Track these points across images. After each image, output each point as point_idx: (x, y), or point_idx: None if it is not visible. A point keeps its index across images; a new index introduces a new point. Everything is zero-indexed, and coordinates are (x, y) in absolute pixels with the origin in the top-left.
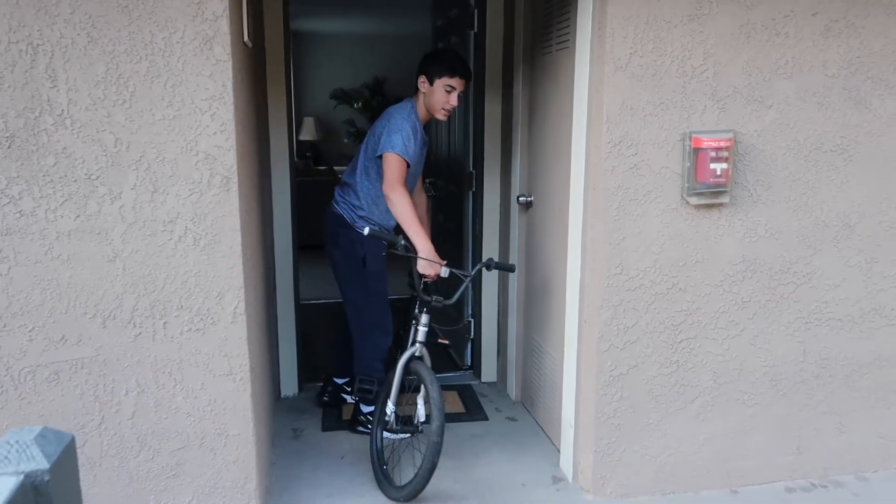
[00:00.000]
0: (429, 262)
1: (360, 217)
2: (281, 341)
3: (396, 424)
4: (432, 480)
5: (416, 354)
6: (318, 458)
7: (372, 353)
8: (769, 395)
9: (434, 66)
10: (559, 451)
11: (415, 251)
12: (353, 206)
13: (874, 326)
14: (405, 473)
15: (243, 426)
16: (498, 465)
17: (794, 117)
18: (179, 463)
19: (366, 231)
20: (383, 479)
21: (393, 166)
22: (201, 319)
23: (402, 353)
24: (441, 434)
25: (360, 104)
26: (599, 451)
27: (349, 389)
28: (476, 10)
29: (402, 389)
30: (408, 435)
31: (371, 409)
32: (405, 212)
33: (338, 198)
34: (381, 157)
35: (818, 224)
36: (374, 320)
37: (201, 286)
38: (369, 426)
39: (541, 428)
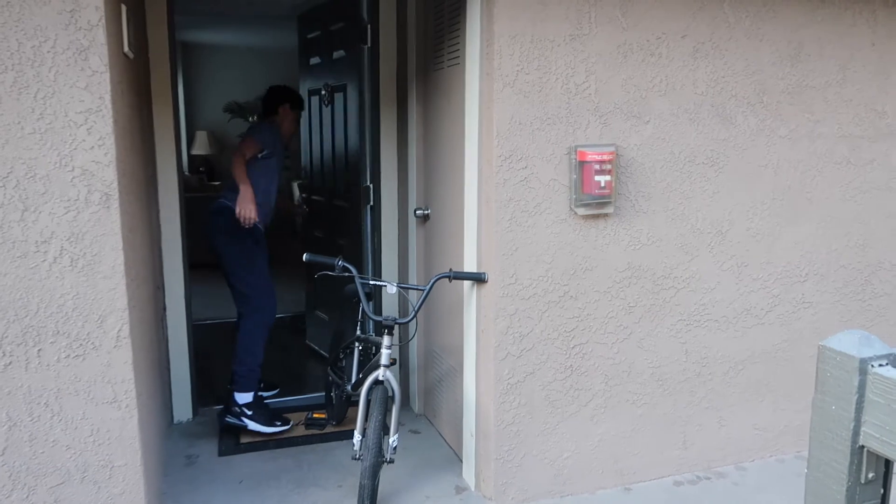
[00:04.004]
0: (246, 203)
1: (256, 204)
2: (173, 364)
3: (361, 451)
4: (336, 497)
5: (379, 378)
6: (213, 485)
7: (255, 332)
8: (656, 395)
9: (297, 100)
10: (462, 461)
11: (348, 270)
12: None
13: (746, 325)
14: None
15: (130, 456)
16: (401, 479)
17: (669, 132)
18: (58, 500)
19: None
20: None
21: (247, 146)
22: (80, 345)
23: (346, 379)
24: (369, 476)
25: (254, 117)
26: (500, 458)
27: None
28: (369, 26)
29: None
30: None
31: (248, 399)
32: (242, 170)
33: (228, 196)
34: (244, 141)
35: (694, 231)
36: (260, 296)
37: (80, 310)
38: (242, 418)
39: (444, 439)
